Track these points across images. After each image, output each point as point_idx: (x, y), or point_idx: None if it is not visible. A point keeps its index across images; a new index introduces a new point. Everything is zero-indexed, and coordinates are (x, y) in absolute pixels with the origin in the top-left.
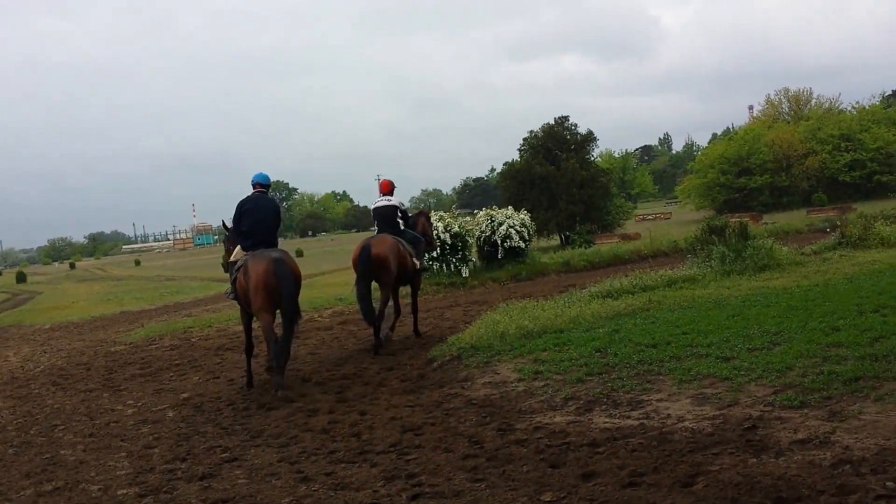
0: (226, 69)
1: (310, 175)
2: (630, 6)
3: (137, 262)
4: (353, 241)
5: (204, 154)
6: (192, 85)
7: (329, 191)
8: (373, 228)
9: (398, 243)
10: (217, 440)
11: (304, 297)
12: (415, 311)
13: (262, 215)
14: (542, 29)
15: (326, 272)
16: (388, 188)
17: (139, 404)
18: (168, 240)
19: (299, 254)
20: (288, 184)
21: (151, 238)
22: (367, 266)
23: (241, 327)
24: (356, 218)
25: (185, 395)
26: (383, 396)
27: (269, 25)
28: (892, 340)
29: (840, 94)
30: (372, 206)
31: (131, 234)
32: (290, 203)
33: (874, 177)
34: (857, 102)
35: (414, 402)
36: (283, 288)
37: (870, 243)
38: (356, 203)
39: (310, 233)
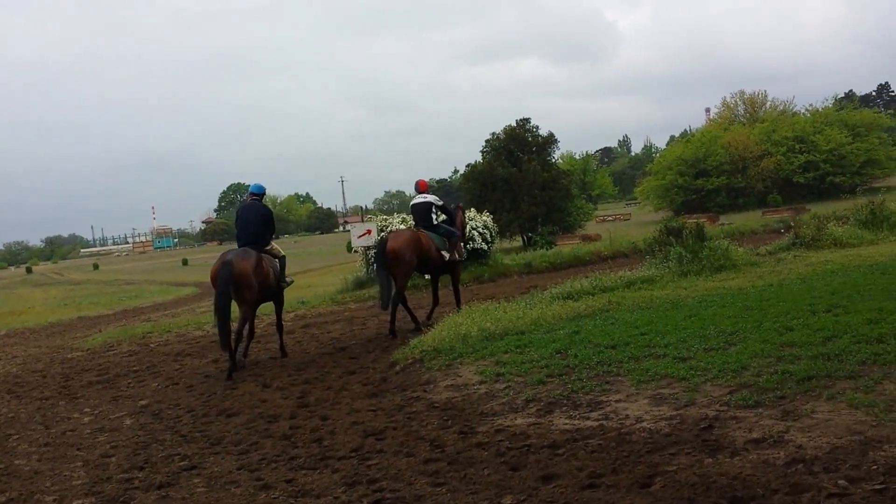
0: (187, 70)
1: (273, 176)
2: (586, 11)
3: (96, 266)
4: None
5: (165, 155)
6: (153, 85)
7: (292, 192)
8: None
9: (420, 237)
10: (176, 448)
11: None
12: (457, 299)
13: (247, 221)
14: (501, 32)
15: (290, 274)
16: (424, 187)
17: (96, 412)
18: (127, 243)
19: None
20: (249, 186)
21: (110, 241)
22: (384, 258)
23: (199, 332)
24: (320, 220)
25: (143, 403)
26: (345, 401)
27: (231, 27)
28: (844, 340)
29: (794, 97)
30: (410, 203)
31: (90, 238)
32: None
33: (827, 178)
34: (811, 105)
35: (376, 406)
36: (218, 285)
37: (823, 244)
38: (320, 205)
39: (273, 235)
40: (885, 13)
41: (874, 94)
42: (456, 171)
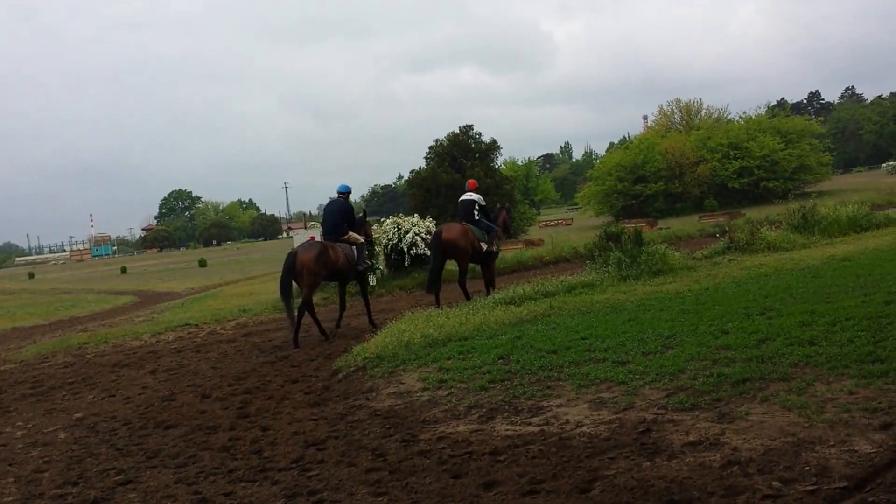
0: (123, 77)
1: (214, 184)
2: (522, 22)
3: (31, 275)
4: (259, 251)
5: (101, 163)
6: (88, 93)
7: (235, 199)
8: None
9: (468, 230)
10: (111, 462)
11: (207, 308)
12: (490, 283)
13: (330, 213)
14: (439, 42)
15: (231, 282)
16: (473, 186)
17: (29, 426)
18: (64, 251)
19: (202, 264)
20: (191, 192)
21: (47, 249)
22: (440, 247)
23: (137, 342)
24: (263, 226)
25: (78, 415)
26: (286, 410)
27: (167, 33)
28: (778, 342)
29: (728, 105)
30: (459, 200)
31: (25, 246)
32: (192, 212)
33: (761, 183)
34: (744, 113)
35: (318, 416)
36: (282, 272)
37: (757, 248)
38: (263, 211)
39: (214, 242)
40: (804, 25)
41: (805, 101)
42: (400, 177)
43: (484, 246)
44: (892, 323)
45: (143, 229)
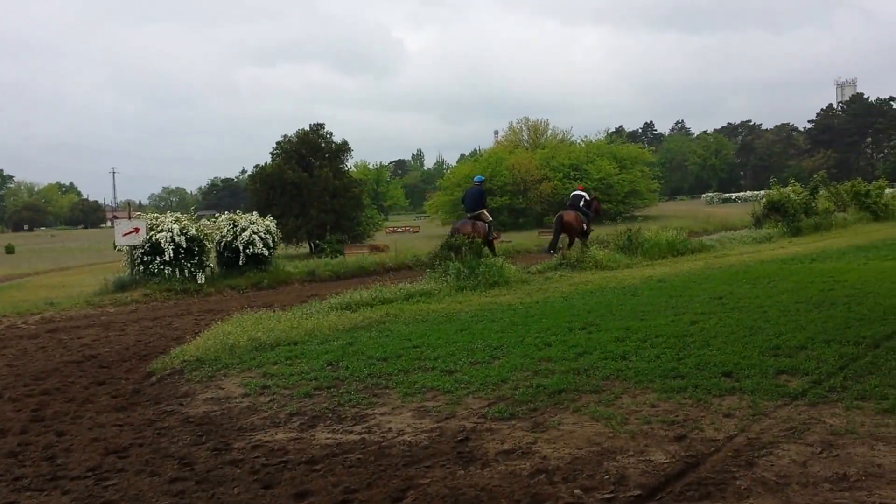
0: None
1: (30, 163)
2: (373, 26)
3: None
4: (77, 239)
5: None
6: None
7: (53, 181)
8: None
9: (578, 215)
10: None
11: (8, 299)
12: (585, 244)
13: (470, 197)
14: (288, 35)
15: (41, 272)
16: (581, 188)
17: None
18: None
19: (9, 250)
20: (1, 171)
21: None
22: (561, 226)
23: None
24: (84, 213)
25: None
26: (88, 415)
27: None
28: (594, 356)
29: (572, 128)
30: (571, 193)
31: None
32: (2, 192)
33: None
34: (586, 136)
35: (123, 421)
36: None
37: (586, 265)
38: (85, 196)
39: (25, 227)
40: (641, 60)
41: (640, 130)
42: (244, 172)
43: (585, 226)
44: (695, 341)
45: None
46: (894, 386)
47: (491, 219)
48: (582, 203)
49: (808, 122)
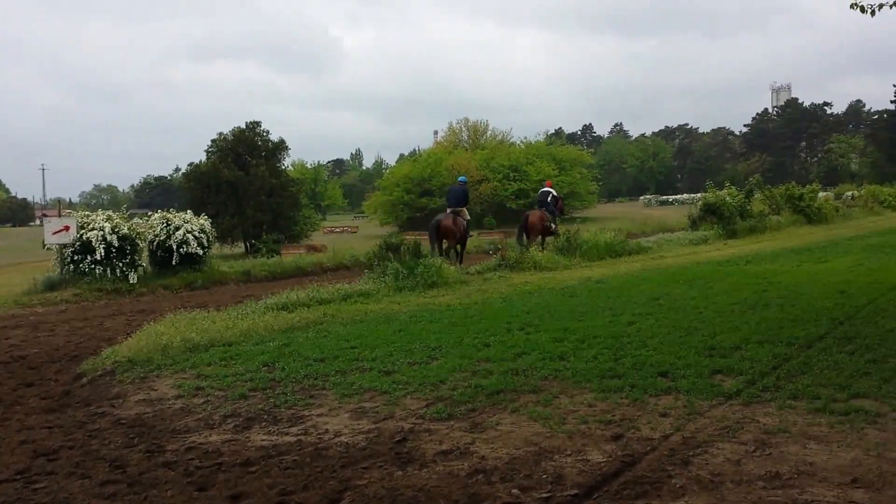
0: None
1: None
2: (310, 24)
3: None
4: (5, 237)
5: None
6: None
7: None
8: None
9: (544, 214)
10: None
11: None
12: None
13: (453, 194)
14: (223, 32)
15: None
16: (549, 184)
17: None
18: None
19: None
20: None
21: None
22: (527, 224)
23: None
24: (12, 211)
25: None
26: (16, 417)
27: None
28: (532, 356)
29: (511, 129)
30: (539, 191)
31: None
32: None
33: (535, 206)
34: (525, 138)
35: (53, 423)
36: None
37: (525, 266)
38: (14, 194)
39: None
40: (579, 63)
41: (579, 133)
42: (178, 170)
43: (552, 226)
44: (632, 342)
45: None
46: (826, 385)
47: (469, 217)
48: (549, 198)
49: (744, 126)
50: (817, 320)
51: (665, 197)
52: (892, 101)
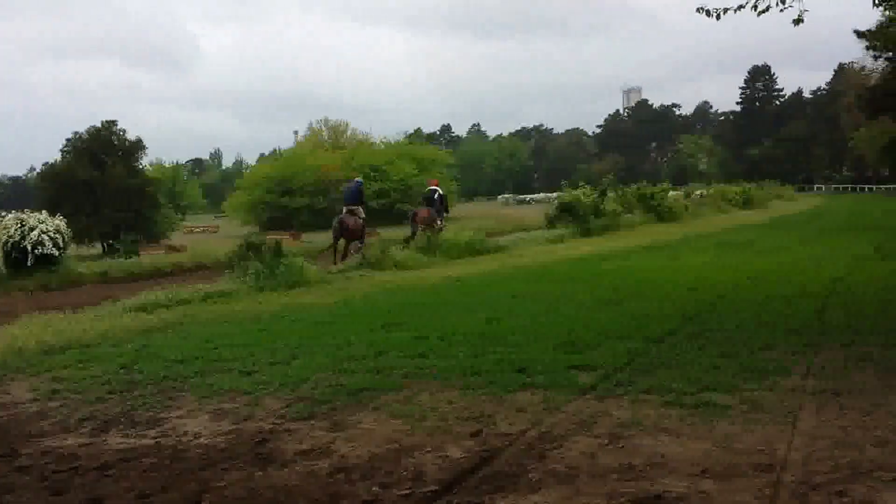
0: None
1: None
2: (167, 20)
3: None
4: None
5: None
6: None
7: None
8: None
9: (432, 211)
10: None
11: None
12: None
13: (349, 193)
14: (77, 28)
15: None
16: (436, 183)
17: None
18: None
19: None
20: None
21: None
22: (415, 219)
23: None
24: None
25: None
26: None
27: None
28: (394, 354)
29: (371, 129)
30: (426, 189)
31: None
32: None
33: (396, 205)
34: (385, 137)
35: None
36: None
37: (386, 265)
38: None
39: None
40: (438, 64)
41: (438, 133)
42: (33, 169)
43: (439, 222)
44: (492, 340)
45: None
46: (677, 379)
47: (364, 216)
48: (436, 196)
49: (597, 127)
50: (669, 316)
51: (522, 196)
52: (737, 103)
